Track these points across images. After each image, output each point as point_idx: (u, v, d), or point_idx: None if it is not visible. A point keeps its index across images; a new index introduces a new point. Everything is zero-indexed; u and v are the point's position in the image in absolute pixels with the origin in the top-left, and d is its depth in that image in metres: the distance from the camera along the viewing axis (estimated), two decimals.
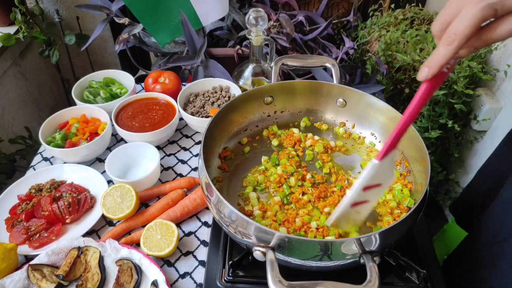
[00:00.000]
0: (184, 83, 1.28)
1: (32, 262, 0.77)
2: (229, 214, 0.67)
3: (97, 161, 1.06)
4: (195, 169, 1.03)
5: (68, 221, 0.87)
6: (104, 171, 0.96)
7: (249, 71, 1.20)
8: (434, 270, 0.77)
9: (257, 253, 0.62)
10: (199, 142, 1.11)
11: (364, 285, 0.56)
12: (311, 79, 1.18)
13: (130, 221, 0.88)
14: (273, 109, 0.99)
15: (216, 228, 0.85)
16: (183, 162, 1.05)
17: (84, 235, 0.84)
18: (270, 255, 0.61)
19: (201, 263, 0.83)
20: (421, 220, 0.85)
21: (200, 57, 1.28)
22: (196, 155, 1.07)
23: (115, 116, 1.08)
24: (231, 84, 1.16)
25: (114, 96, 1.18)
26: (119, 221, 0.89)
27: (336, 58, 1.45)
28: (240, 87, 1.17)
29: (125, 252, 0.80)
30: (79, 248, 0.80)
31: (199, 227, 0.89)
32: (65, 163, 1.02)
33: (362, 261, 0.61)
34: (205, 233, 0.88)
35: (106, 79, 1.23)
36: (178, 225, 0.89)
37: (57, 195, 0.89)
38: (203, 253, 0.84)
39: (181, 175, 1.02)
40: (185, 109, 1.12)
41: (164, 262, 0.83)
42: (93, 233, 0.88)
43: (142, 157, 1.01)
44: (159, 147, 1.09)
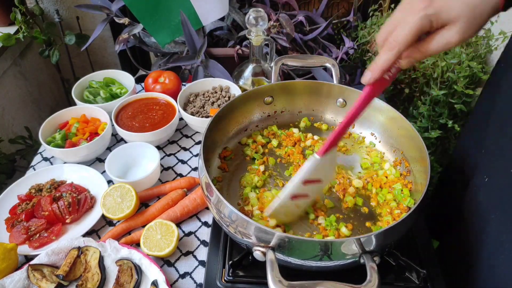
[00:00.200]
0: (184, 83, 1.28)
1: (32, 262, 0.77)
2: (229, 214, 0.67)
3: (97, 161, 1.06)
4: (195, 169, 1.03)
5: (68, 221, 0.87)
6: (104, 171, 0.96)
7: (249, 71, 1.20)
8: (434, 270, 0.77)
9: (257, 253, 0.62)
10: (199, 142, 1.11)
11: (364, 285, 0.56)
12: (311, 79, 1.18)
13: (130, 221, 0.88)
14: (273, 109, 0.99)
15: (216, 228, 0.85)
16: (183, 162, 1.05)
17: (84, 235, 0.84)
18: (270, 255, 0.61)
19: (201, 263, 0.83)
20: (421, 220, 0.85)
21: (200, 57, 1.28)
22: (196, 155, 1.07)
23: (115, 116, 1.08)
24: (231, 84, 1.16)
25: (114, 96, 1.18)
26: (119, 221, 0.89)
27: (336, 58, 1.46)
28: (240, 87, 1.17)
29: (125, 252, 0.80)
30: (79, 248, 0.80)
31: (199, 227, 0.89)
32: (65, 163, 1.02)
33: (362, 261, 0.61)
34: (205, 233, 0.88)
35: (106, 79, 1.23)
36: (178, 225, 0.89)
37: (57, 195, 0.89)
38: (203, 253, 0.84)
39: (181, 175, 1.02)
40: (185, 109, 1.12)
41: (164, 262, 0.83)
42: (93, 233, 0.88)
43: (142, 157, 1.01)
44: (159, 147, 1.09)
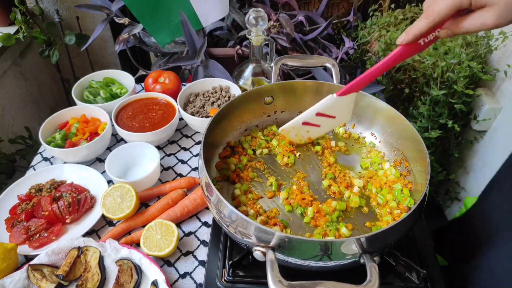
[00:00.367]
0: (184, 83, 1.28)
1: (32, 262, 0.77)
2: (229, 214, 0.67)
3: (97, 161, 1.06)
4: (195, 169, 1.03)
5: (68, 221, 0.87)
6: (104, 171, 0.96)
7: (249, 71, 1.20)
8: (434, 270, 0.77)
9: (257, 253, 0.62)
10: (199, 142, 1.11)
11: (364, 285, 0.56)
12: (311, 79, 1.17)
13: (130, 221, 0.88)
14: (273, 109, 0.99)
15: (216, 228, 0.85)
16: (183, 162, 1.05)
17: (84, 235, 0.84)
18: (270, 255, 0.61)
19: (201, 263, 0.83)
20: (421, 220, 0.85)
21: (200, 57, 1.28)
22: (196, 155, 1.07)
23: (115, 116, 1.08)
24: (231, 84, 1.16)
25: (114, 96, 1.18)
26: (119, 221, 0.89)
27: (336, 58, 1.45)
28: (240, 87, 1.17)
29: (125, 252, 0.80)
30: (79, 248, 0.80)
31: (199, 227, 0.89)
32: (65, 163, 1.02)
33: (362, 261, 0.61)
34: (205, 233, 0.88)
35: (106, 79, 1.23)
36: (178, 225, 0.89)
37: (57, 195, 0.89)
38: (203, 253, 0.84)
39: (181, 175, 1.02)
40: (185, 109, 1.12)
41: (164, 262, 0.83)
42: (93, 233, 0.88)
43: (142, 157, 1.01)
44: (159, 147, 1.09)
